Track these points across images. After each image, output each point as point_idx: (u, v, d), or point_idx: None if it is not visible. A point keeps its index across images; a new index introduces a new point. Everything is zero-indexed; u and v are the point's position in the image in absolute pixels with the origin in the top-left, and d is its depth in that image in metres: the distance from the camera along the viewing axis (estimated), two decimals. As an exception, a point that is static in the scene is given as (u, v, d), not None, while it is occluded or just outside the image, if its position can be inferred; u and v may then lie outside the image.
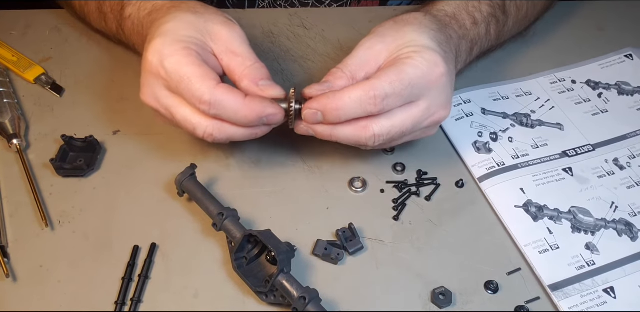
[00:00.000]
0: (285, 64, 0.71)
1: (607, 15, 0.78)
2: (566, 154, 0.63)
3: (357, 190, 0.60)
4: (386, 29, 0.57)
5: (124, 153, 0.62)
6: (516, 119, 0.66)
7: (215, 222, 0.54)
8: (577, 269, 0.54)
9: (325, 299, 0.51)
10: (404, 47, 0.54)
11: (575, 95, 0.69)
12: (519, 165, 0.61)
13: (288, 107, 0.52)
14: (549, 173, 0.61)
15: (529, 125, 0.65)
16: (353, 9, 0.79)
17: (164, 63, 0.51)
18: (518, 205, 0.58)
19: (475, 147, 0.63)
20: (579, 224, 0.57)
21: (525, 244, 0.56)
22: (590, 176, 0.61)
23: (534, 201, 0.58)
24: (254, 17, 0.76)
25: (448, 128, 0.65)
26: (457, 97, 0.67)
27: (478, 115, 0.66)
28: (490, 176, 0.60)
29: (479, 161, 0.62)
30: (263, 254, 0.54)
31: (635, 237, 0.57)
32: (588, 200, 0.59)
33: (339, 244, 0.56)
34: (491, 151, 0.62)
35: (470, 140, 0.63)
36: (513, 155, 0.62)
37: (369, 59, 0.55)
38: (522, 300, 0.53)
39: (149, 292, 0.53)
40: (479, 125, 0.65)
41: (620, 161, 0.63)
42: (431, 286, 0.53)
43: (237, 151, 0.63)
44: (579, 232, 0.57)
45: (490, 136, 0.64)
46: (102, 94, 0.67)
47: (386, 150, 0.63)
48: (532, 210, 0.58)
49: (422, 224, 0.58)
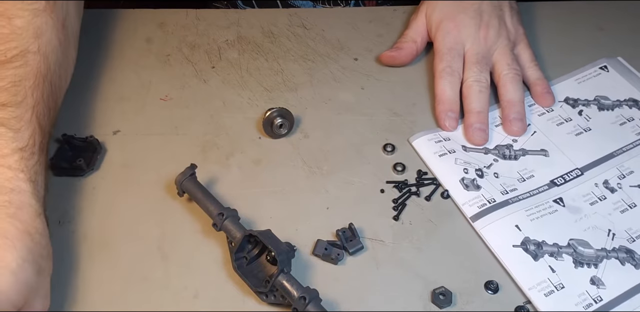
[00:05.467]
0: (285, 64, 0.71)
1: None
2: (554, 183, 0.60)
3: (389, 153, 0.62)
4: (420, 3, 0.72)
5: (124, 153, 0.62)
6: (498, 153, 0.62)
7: (215, 222, 0.54)
8: (584, 308, 0.52)
9: (325, 299, 0.51)
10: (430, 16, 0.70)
11: (555, 115, 0.66)
12: (509, 201, 0.58)
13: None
14: (541, 206, 0.58)
15: (512, 158, 0.62)
16: (353, 9, 0.79)
17: None
18: (516, 244, 0.55)
19: (463, 184, 0.60)
20: (581, 257, 0.54)
21: (529, 287, 0.53)
22: (582, 204, 0.59)
23: (531, 238, 0.56)
24: (254, 17, 0.76)
25: (432, 164, 0.61)
26: (436, 134, 0.63)
27: (460, 152, 0.62)
28: (483, 214, 0.57)
29: (470, 198, 0.58)
30: (263, 254, 0.54)
31: (638, 264, 0.54)
32: (584, 230, 0.57)
33: (339, 244, 0.56)
34: (480, 188, 0.59)
35: (457, 177, 0.60)
36: (502, 190, 0.59)
37: (419, 27, 0.71)
38: (522, 300, 0.53)
39: (149, 292, 0.53)
40: (463, 162, 0.61)
41: (610, 182, 0.60)
42: (431, 286, 0.53)
43: (237, 151, 0.63)
44: (582, 266, 0.54)
45: (476, 173, 0.61)
46: (102, 94, 0.67)
47: (386, 150, 0.63)
48: (531, 248, 0.55)
49: (422, 224, 0.58)
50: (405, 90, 0.68)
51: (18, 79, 0.53)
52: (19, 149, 0.50)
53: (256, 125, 0.65)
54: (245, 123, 0.65)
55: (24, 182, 0.50)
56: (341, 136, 0.64)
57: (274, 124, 0.62)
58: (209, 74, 0.70)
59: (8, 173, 0.49)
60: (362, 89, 0.68)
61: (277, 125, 0.62)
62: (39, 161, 0.52)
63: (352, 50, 0.72)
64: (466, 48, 0.67)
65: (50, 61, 0.57)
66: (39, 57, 0.56)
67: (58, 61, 0.58)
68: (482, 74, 0.65)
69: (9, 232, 0.47)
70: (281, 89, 0.68)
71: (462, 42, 0.67)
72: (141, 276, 0.54)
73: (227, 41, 0.73)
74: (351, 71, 0.70)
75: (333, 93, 0.68)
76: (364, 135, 0.64)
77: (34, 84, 0.54)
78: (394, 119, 0.66)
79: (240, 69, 0.70)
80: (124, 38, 0.73)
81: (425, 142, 0.63)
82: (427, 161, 0.62)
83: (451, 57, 0.66)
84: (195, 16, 0.76)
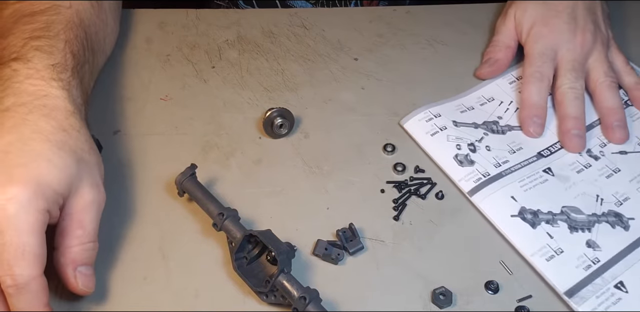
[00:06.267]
0: (285, 64, 0.71)
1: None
2: (541, 154, 0.62)
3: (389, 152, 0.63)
4: (507, 5, 0.71)
5: (124, 153, 0.62)
6: (487, 128, 0.64)
7: (215, 222, 0.54)
8: (584, 269, 0.54)
9: (325, 299, 0.51)
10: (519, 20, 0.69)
11: None
12: (502, 173, 0.60)
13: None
14: (532, 176, 0.60)
15: (500, 132, 0.64)
16: (353, 9, 0.79)
17: (8, 222, 0.44)
18: (514, 214, 0.58)
19: (457, 160, 0.61)
20: (574, 223, 0.57)
21: (531, 253, 0.55)
22: (569, 172, 0.61)
23: (527, 207, 0.58)
24: (254, 17, 0.76)
25: (425, 144, 0.63)
26: (426, 112, 0.65)
27: (451, 128, 0.64)
28: (479, 188, 0.59)
29: (465, 174, 0.60)
30: (263, 254, 0.54)
31: (627, 227, 0.57)
32: (574, 197, 0.59)
33: (339, 244, 0.56)
34: (474, 163, 0.61)
35: (451, 154, 0.62)
36: (495, 163, 0.61)
37: (510, 31, 0.69)
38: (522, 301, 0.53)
39: (149, 292, 0.53)
40: (455, 138, 0.63)
41: (593, 151, 0.63)
42: (431, 286, 0.53)
43: (237, 151, 0.63)
44: (577, 231, 0.57)
45: (468, 147, 0.62)
46: (102, 94, 0.67)
47: (386, 150, 0.63)
48: (528, 217, 0.57)
49: (422, 224, 0.58)
50: (405, 90, 0.68)
51: (51, 22, 0.57)
52: (51, 65, 0.54)
53: (256, 125, 0.65)
54: (245, 123, 0.65)
55: (57, 89, 0.52)
56: (341, 136, 0.64)
57: (274, 124, 0.62)
58: (209, 73, 0.70)
59: (41, 82, 0.52)
60: (362, 89, 0.68)
61: (277, 125, 0.62)
62: (72, 76, 0.55)
63: (352, 50, 0.72)
64: (560, 54, 0.65)
65: (83, 17, 0.61)
66: (70, 11, 0.60)
67: (91, 19, 0.62)
68: (578, 82, 0.64)
69: (43, 128, 0.49)
70: (281, 89, 0.68)
71: (556, 48, 0.65)
72: (141, 276, 0.54)
73: (227, 41, 0.73)
74: (351, 71, 0.70)
75: (333, 93, 0.68)
76: (364, 135, 0.64)
77: (66, 26, 0.58)
78: (394, 119, 0.66)
79: (240, 69, 0.70)
80: (124, 38, 0.73)
81: (416, 123, 0.64)
82: (421, 142, 0.63)
83: (542, 62, 0.65)
84: (195, 16, 0.76)
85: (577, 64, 0.65)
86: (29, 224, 0.45)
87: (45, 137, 0.49)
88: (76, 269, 0.49)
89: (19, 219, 0.44)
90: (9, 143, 0.48)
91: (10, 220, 0.44)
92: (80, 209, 0.50)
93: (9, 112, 0.49)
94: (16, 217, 0.44)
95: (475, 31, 0.74)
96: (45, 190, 0.46)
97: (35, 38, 0.55)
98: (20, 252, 0.44)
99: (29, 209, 0.45)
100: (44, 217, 0.46)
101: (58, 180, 0.47)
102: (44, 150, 0.48)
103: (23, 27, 0.56)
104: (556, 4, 0.67)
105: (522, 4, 0.69)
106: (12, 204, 0.45)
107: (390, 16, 0.76)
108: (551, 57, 0.65)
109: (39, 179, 0.46)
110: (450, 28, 0.75)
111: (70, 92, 0.53)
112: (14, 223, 0.44)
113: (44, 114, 0.50)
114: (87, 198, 0.50)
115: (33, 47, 0.54)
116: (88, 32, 0.61)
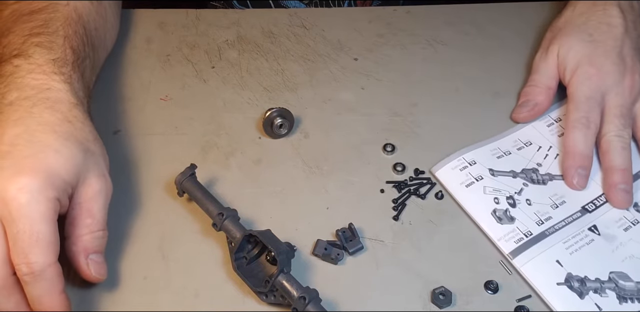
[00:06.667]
0: (285, 64, 0.71)
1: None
2: (586, 209, 0.57)
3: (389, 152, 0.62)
4: (547, 40, 0.66)
5: (124, 153, 0.62)
6: (526, 177, 0.59)
7: (215, 222, 0.54)
8: None
9: (325, 299, 0.51)
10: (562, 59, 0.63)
11: None
12: (546, 232, 0.55)
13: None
14: (577, 236, 0.55)
15: (540, 182, 0.58)
16: (353, 9, 0.79)
17: (20, 211, 0.45)
18: (560, 282, 0.52)
19: (496, 216, 0.56)
20: (623, 292, 0.52)
21: None
22: (616, 231, 0.55)
23: (574, 274, 0.53)
24: (253, 17, 0.76)
25: (460, 197, 0.58)
26: (460, 158, 0.60)
27: (488, 178, 0.58)
28: (521, 249, 0.54)
29: (505, 233, 0.55)
30: (263, 254, 0.54)
31: None
32: (622, 261, 0.54)
33: (339, 244, 0.56)
34: (514, 220, 0.55)
35: (489, 209, 0.56)
36: (537, 220, 0.56)
37: (551, 70, 0.64)
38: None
39: (149, 292, 0.53)
40: (492, 190, 0.57)
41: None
42: (431, 286, 0.53)
43: (237, 151, 0.63)
44: (626, 301, 0.51)
45: (507, 201, 0.57)
46: (102, 94, 0.67)
47: (386, 150, 0.63)
48: (575, 285, 0.52)
49: (422, 224, 0.58)
50: (405, 90, 0.68)
51: (49, 19, 0.58)
52: (51, 59, 0.55)
53: (256, 126, 0.65)
54: (245, 123, 0.65)
55: (59, 82, 0.53)
56: (341, 136, 0.64)
57: (274, 124, 0.62)
58: (209, 74, 0.70)
59: (43, 76, 0.53)
60: (362, 89, 0.68)
61: (277, 125, 0.62)
62: (73, 70, 0.56)
63: (352, 50, 0.72)
64: (607, 98, 0.60)
65: (81, 13, 0.61)
66: (68, 8, 0.60)
67: (91, 15, 0.63)
68: (625, 130, 0.59)
69: (49, 120, 0.50)
70: (281, 89, 0.68)
71: (603, 91, 0.60)
72: (141, 275, 0.54)
73: (227, 41, 0.73)
74: (351, 71, 0.70)
75: (333, 93, 0.68)
76: (364, 135, 0.64)
77: (64, 23, 0.58)
78: (394, 119, 0.66)
79: (240, 69, 0.70)
80: (124, 38, 0.73)
81: (449, 171, 0.59)
82: (455, 194, 0.58)
83: (589, 107, 0.59)
84: (195, 16, 0.76)
85: (625, 110, 0.60)
86: (41, 212, 0.46)
87: (51, 129, 0.50)
88: (88, 257, 0.50)
89: (31, 208, 0.45)
90: (16, 135, 0.49)
91: (22, 209, 0.45)
92: (88, 198, 0.51)
93: (13, 106, 0.51)
94: (28, 206, 0.45)
95: (475, 31, 0.74)
96: (54, 179, 0.47)
97: (35, 35, 0.56)
98: (34, 240, 0.45)
99: (39, 198, 0.46)
100: (54, 205, 0.47)
101: (66, 169, 0.49)
102: (51, 141, 0.49)
103: (22, 25, 0.57)
104: (604, 41, 0.62)
105: (567, 40, 0.63)
106: (24, 194, 0.45)
107: (390, 16, 0.76)
108: (598, 101, 0.60)
109: (47, 168, 0.47)
110: (450, 28, 0.74)
111: (72, 86, 0.54)
112: (27, 212, 0.45)
113: (48, 107, 0.51)
114: (95, 187, 0.51)
115: (33, 43, 0.55)
116: (87, 28, 0.62)
